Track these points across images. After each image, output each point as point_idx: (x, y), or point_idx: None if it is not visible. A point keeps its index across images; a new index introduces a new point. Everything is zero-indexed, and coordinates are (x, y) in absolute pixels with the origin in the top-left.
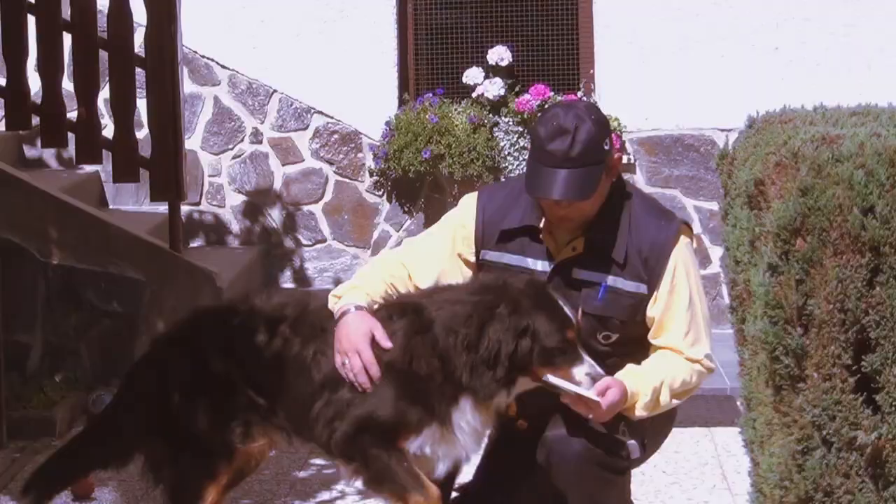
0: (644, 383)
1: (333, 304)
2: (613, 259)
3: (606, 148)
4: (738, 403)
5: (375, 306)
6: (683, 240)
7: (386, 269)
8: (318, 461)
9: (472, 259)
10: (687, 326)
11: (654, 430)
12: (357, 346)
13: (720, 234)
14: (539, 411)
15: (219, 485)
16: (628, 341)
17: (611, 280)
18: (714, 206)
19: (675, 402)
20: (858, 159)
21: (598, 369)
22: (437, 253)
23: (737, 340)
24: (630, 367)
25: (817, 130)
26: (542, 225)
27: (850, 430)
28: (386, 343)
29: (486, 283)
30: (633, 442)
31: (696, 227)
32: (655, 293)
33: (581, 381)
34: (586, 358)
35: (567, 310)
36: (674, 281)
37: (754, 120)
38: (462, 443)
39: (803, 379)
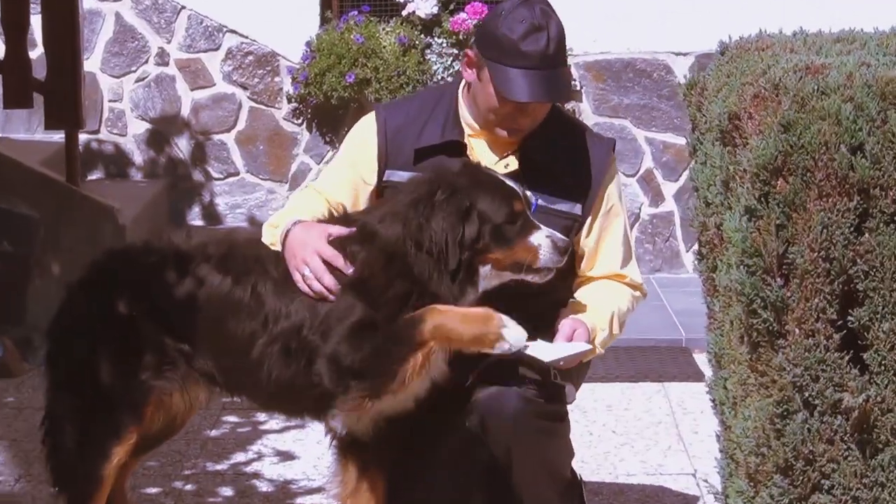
0: (599, 318)
1: (270, 235)
2: (549, 177)
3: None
4: (694, 355)
5: None
6: (615, 160)
7: (307, 200)
8: (232, 418)
9: (374, 180)
10: (625, 251)
11: (577, 371)
12: (314, 247)
13: (674, 168)
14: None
15: (126, 444)
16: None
17: (544, 199)
18: (668, 137)
19: (621, 333)
20: (846, 91)
21: (558, 234)
22: (345, 181)
23: (706, 290)
24: (576, 303)
25: (800, 59)
26: (465, 140)
27: (834, 391)
28: (344, 233)
29: (417, 179)
30: (569, 385)
31: (648, 161)
32: (590, 217)
33: (541, 243)
34: (542, 225)
35: (508, 182)
36: (610, 203)
37: (727, 46)
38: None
39: (783, 335)
